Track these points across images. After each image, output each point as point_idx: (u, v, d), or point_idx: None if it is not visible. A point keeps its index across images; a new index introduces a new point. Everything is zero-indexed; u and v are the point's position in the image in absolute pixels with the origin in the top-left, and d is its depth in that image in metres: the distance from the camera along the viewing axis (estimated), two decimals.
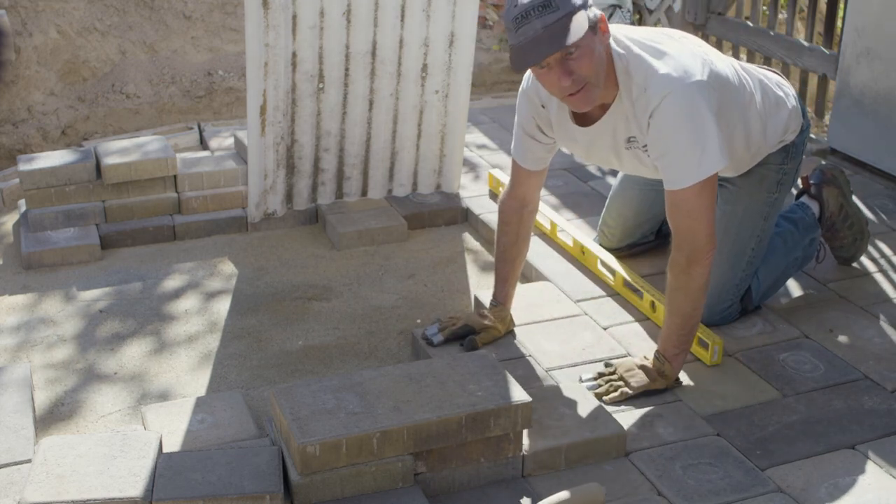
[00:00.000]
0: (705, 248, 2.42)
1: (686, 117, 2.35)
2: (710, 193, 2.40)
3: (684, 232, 2.42)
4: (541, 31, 2.25)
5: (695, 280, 2.44)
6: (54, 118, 4.99)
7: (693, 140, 2.35)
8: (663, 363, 2.51)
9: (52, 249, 3.36)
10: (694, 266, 2.42)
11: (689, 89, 2.34)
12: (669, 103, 2.34)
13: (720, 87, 2.45)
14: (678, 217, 2.42)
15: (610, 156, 2.62)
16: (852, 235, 3.10)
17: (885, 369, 2.64)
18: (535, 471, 2.25)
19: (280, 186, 3.53)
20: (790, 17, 4.69)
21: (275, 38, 3.22)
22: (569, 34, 2.24)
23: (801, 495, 2.17)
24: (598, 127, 2.51)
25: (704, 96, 2.36)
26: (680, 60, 2.38)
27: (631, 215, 3.13)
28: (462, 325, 2.75)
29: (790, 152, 2.79)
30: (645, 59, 2.38)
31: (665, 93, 2.34)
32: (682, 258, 2.43)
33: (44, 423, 2.53)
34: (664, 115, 2.35)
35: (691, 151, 2.36)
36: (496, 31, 6.09)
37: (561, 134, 2.61)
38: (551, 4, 2.24)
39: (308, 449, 2.03)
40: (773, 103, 2.69)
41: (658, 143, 2.40)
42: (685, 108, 2.34)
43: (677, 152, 2.37)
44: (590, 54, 2.29)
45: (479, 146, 4.30)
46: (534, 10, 2.24)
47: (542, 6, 2.24)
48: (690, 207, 2.39)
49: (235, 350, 2.88)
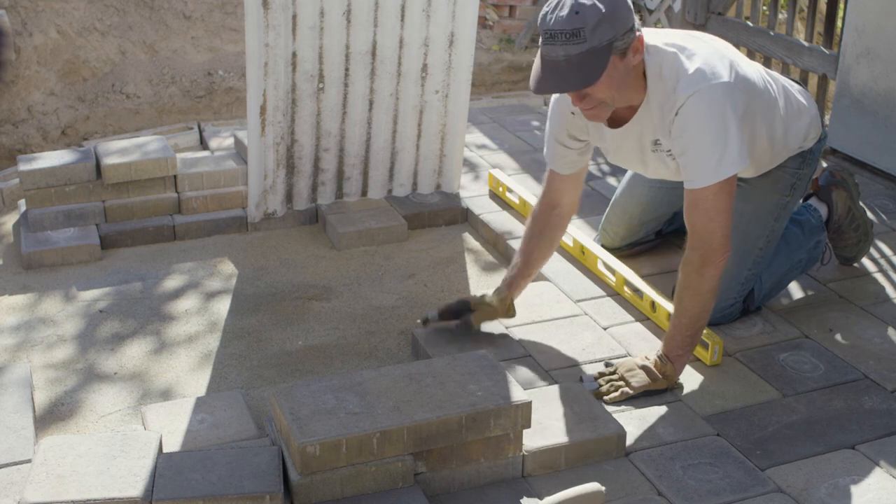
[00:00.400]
0: (720, 250, 2.43)
1: (710, 116, 2.38)
2: (729, 195, 2.42)
3: (700, 231, 2.43)
4: (561, 60, 2.27)
5: (706, 281, 2.45)
6: (54, 118, 4.99)
7: (715, 139, 2.38)
8: (666, 364, 2.51)
9: (52, 249, 3.36)
10: (707, 267, 2.43)
11: (716, 90, 2.37)
12: (695, 102, 2.37)
13: (746, 90, 2.48)
14: (695, 216, 2.44)
15: (635, 158, 2.65)
16: (857, 237, 3.11)
17: (885, 369, 2.64)
18: (535, 471, 2.25)
19: (280, 186, 3.53)
20: (790, 17, 4.69)
21: (275, 38, 3.22)
22: (585, 76, 2.27)
23: (801, 495, 2.17)
24: (627, 129, 2.54)
25: (730, 98, 2.39)
26: (709, 61, 2.41)
27: (637, 213, 3.14)
28: (458, 300, 2.78)
29: (807, 158, 2.82)
30: (678, 60, 2.40)
31: (692, 91, 2.37)
32: (695, 257, 2.45)
33: (44, 423, 2.53)
34: (689, 112, 2.38)
35: (712, 151, 2.38)
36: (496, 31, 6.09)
37: (594, 134, 2.64)
38: (579, 35, 2.24)
39: (308, 449, 2.03)
40: (795, 110, 2.73)
41: (680, 140, 2.43)
42: (710, 108, 2.37)
43: (698, 150, 2.40)
44: (609, 81, 2.32)
45: (479, 146, 4.30)
46: (562, 34, 2.25)
47: (571, 34, 2.24)
48: (708, 207, 2.41)
49: (235, 350, 2.88)
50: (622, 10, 2.29)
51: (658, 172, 2.69)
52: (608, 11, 2.26)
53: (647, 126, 2.51)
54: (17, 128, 4.91)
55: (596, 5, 2.25)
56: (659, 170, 2.66)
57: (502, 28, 6.12)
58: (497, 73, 5.81)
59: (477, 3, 3.48)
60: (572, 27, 2.24)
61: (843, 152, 4.11)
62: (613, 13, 2.27)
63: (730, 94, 2.39)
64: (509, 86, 5.77)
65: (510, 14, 6.15)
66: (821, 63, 4.33)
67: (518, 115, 4.75)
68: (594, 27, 2.25)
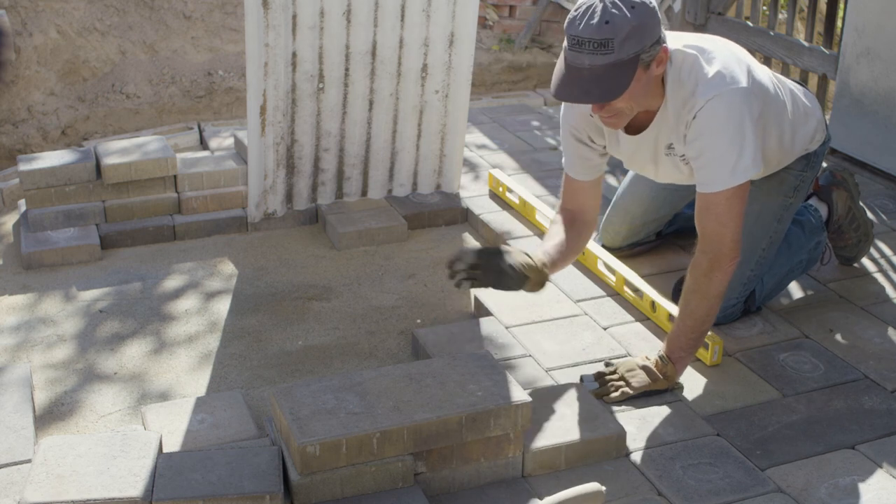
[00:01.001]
0: (729, 255, 2.43)
1: (728, 121, 2.37)
2: (741, 201, 2.42)
3: (711, 235, 2.43)
4: (585, 70, 2.23)
5: (714, 286, 2.45)
6: (54, 118, 4.99)
7: (731, 144, 2.37)
8: (667, 364, 2.50)
9: (52, 249, 3.36)
10: (716, 271, 2.43)
11: (735, 95, 2.37)
12: (714, 106, 2.36)
13: (762, 95, 2.48)
14: (707, 220, 2.43)
15: (648, 163, 2.64)
16: (857, 237, 3.11)
17: (885, 369, 2.64)
18: (535, 471, 2.25)
19: (280, 186, 3.53)
20: (790, 17, 4.69)
21: (275, 38, 3.22)
22: (610, 89, 2.23)
23: (801, 495, 2.17)
24: (645, 136, 2.53)
25: (748, 103, 2.39)
26: (728, 66, 2.40)
27: (639, 213, 3.14)
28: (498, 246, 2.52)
29: (811, 160, 2.82)
30: (697, 63, 2.39)
31: (711, 95, 2.36)
32: (705, 261, 2.44)
33: (44, 423, 2.53)
34: (707, 116, 2.37)
35: (728, 156, 2.38)
36: (496, 31, 6.09)
37: (611, 139, 2.61)
38: (607, 46, 2.20)
39: (308, 449, 2.03)
40: (802, 114, 2.73)
41: (696, 143, 2.41)
42: (728, 113, 2.37)
43: (714, 155, 2.39)
44: (629, 94, 2.29)
45: (479, 146, 4.30)
46: (590, 43, 2.21)
47: (599, 44, 2.20)
48: (720, 212, 2.41)
49: (235, 350, 2.88)
50: (652, 22, 2.25)
51: (669, 177, 2.69)
52: (639, 24, 2.22)
53: (663, 130, 2.51)
54: (17, 128, 4.91)
55: (627, 17, 2.20)
56: (670, 174, 2.65)
57: (502, 28, 6.12)
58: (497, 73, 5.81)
59: (477, 3, 3.48)
60: (601, 37, 2.20)
61: (843, 152, 4.11)
62: (643, 25, 2.23)
63: (747, 100, 2.38)
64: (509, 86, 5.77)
65: (510, 14, 6.15)
66: (821, 63, 4.33)
67: (518, 115, 4.75)
68: (623, 40, 2.20)
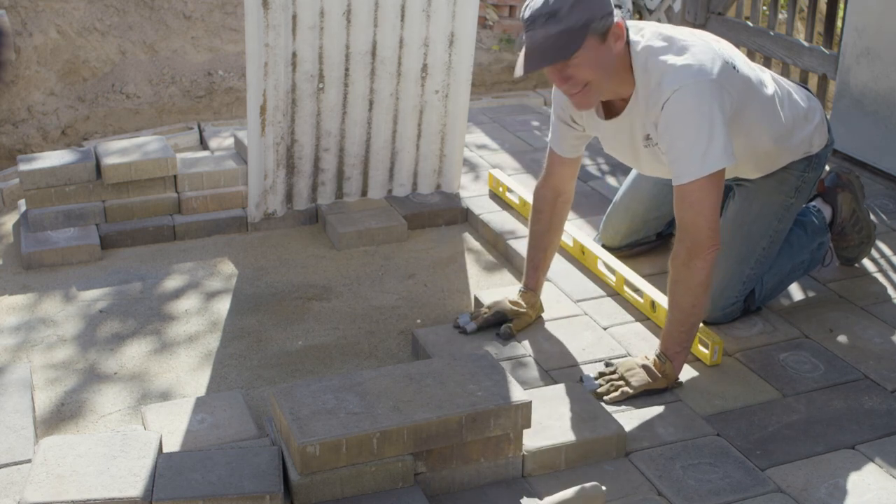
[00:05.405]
0: (706, 243, 2.44)
1: (694, 112, 2.39)
2: (716, 190, 2.43)
3: (687, 224, 2.45)
4: (541, 41, 2.35)
5: (695, 274, 2.45)
6: (54, 118, 4.99)
7: (698, 135, 2.39)
8: (664, 362, 2.51)
9: (52, 249, 3.36)
10: (694, 259, 2.44)
11: (701, 86, 2.39)
12: (679, 97, 2.39)
13: (739, 90, 2.50)
14: (683, 210, 2.46)
15: (628, 152, 2.69)
16: (859, 239, 3.11)
17: (885, 369, 2.64)
18: (535, 471, 2.25)
19: (280, 186, 3.53)
20: (790, 17, 4.69)
21: (275, 38, 3.22)
22: (564, 49, 2.35)
23: (801, 495, 2.17)
24: (619, 121, 2.57)
25: (716, 95, 2.40)
26: (699, 58, 2.43)
27: (640, 211, 3.14)
28: (494, 312, 2.80)
29: (812, 162, 2.83)
30: (665, 55, 2.44)
31: (676, 87, 2.39)
32: (682, 251, 2.46)
33: (44, 423, 2.53)
34: (673, 108, 2.41)
35: (696, 147, 2.40)
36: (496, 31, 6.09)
37: (588, 122, 2.68)
38: (556, 15, 2.33)
39: (308, 449, 2.03)
40: (801, 115, 2.75)
41: (666, 136, 2.45)
42: (694, 103, 2.39)
43: (682, 145, 2.42)
44: (590, 62, 2.37)
45: (479, 146, 4.30)
46: (541, 17, 2.35)
47: (548, 15, 2.34)
48: (694, 200, 2.42)
49: (235, 350, 2.88)
50: None
51: (653, 169, 2.71)
52: None
53: (637, 120, 2.53)
54: (17, 128, 4.91)
55: None
56: (653, 166, 2.67)
57: (502, 28, 6.12)
58: (497, 73, 5.81)
59: (477, 3, 3.49)
60: (549, 10, 2.34)
61: (843, 152, 4.11)
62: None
63: (715, 91, 2.40)
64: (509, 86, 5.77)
65: (510, 14, 6.15)
66: (821, 63, 4.33)
67: (518, 115, 4.75)
68: (570, 8, 2.33)
